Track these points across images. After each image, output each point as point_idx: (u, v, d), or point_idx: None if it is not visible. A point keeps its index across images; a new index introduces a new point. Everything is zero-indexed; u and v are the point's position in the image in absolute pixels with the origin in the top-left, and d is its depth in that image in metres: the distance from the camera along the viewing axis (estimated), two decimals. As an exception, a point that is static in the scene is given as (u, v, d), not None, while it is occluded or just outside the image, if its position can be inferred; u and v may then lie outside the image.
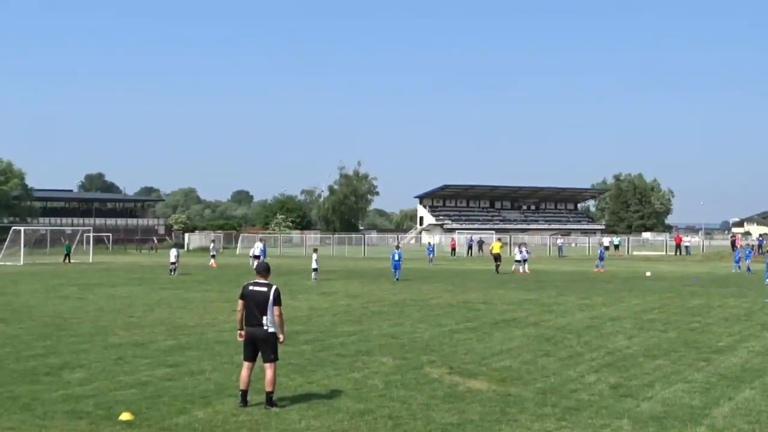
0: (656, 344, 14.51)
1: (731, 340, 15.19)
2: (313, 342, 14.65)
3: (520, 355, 13.31)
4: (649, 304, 21.94)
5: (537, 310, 20.59)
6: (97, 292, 26.18)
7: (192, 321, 18.00)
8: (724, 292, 26.50)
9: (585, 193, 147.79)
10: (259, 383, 9.58)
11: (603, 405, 9.56)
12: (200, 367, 11.93)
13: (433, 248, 52.59)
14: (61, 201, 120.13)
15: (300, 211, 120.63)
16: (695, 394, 10.19)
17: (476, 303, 22.45)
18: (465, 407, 9.42)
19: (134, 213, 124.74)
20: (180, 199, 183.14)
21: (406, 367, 12.09)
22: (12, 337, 15.18)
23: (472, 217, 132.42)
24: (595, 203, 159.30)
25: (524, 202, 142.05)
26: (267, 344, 9.36)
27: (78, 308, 20.82)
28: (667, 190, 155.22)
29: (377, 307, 21.38)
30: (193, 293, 25.65)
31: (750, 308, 21.07)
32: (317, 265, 32.89)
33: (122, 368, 11.89)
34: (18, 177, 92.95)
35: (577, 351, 13.73)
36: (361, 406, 9.41)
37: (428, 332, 16.15)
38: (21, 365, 12.12)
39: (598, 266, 41.88)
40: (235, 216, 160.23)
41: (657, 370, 11.93)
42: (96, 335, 15.52)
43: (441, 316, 19.20)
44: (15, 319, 18.39)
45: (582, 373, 11.66)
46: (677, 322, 17.83)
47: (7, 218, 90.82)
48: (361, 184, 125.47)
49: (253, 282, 9.57)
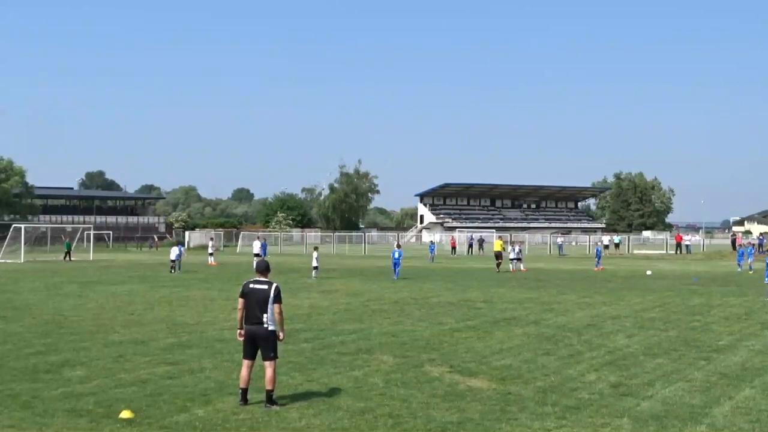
0: (656, 343, 14.51)
1: (732, 338, 15.18)
2: (313, 340, 14.65)
3: (521, 353, 13.31)
4: (649, 303, 21.94)
5: (537, 308, 20.59)
6: (97, 289, 26.19)
7: (192, 319, 18.00)
8: (725, 290, 26.49)
9: (585, 192, 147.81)
10: (259, 381, 9.58)
11: (603, 404, 9.56)
12: (201, 365, 11.93)
13: (434, 246, 53.86)
14: (61, 199, 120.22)
15: (300, 210, 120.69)
16: (695, 393, 10.18)
17: (477, 301, 22.45)
18: (465, 406, 9.41)
19: (135, 211, 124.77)
20: (180, 197, 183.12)
21: (407, 365, 12.09)
22: (12, 335, 15.19)
23: (473, 215, 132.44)
24: (596, 202, 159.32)
25: (525, 200, 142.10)
26: (267, 342, 9.35)
27: (78, 306, 20.83)
28: (668, 189, 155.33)
29: (377, 305, 21.38)
30: (194, 291, 25.65)
31: (750, 307, 21.06)
32: (318, 264, 32.94)
33: (123, 366, 11.89)
34: (19, 175, 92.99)
35: (577, 350, 13.73)
36: (362, 405, 9.41)
37: (429, 331, 16.15)
38: (21, 363, 12.12)
39: (598, 265, 42.04)
40: (236, 214, 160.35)
41: (657, 368, 11.92)
42: (96, 333, 15.52)
43: (441, 314, 19.20)
44: (15, 316, 18.41)
45: (582, 371, 11.66)
46: (678, 321, 17.82)
47: (7, 216, 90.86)
48: (361, 183, 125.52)
49: (253, 280, 9.56)
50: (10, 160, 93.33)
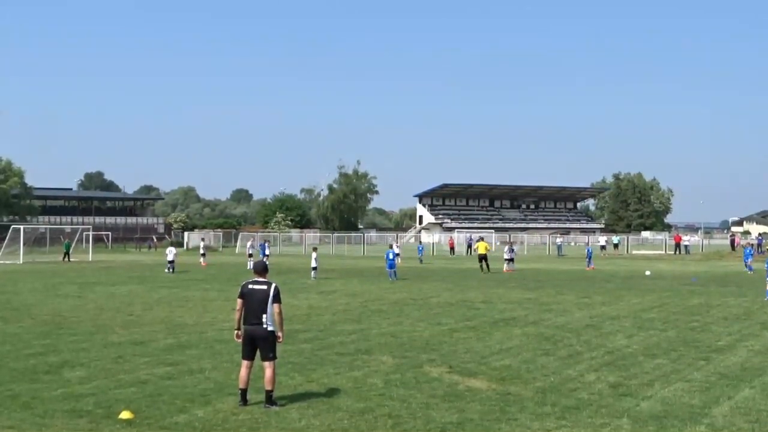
0: (656, 343, 14.52)
1: (731, 339, 15.19)
2: (312, 341, 14.65)
3: (520, 354, 13.32)
4: (648, 303, 21.95)
5: (536, 309, 20.60)
6: (96, 290, 26.19)
7: (192, 319, 18.00)
8: (724, 291, 26.51)
9: (584, 192, 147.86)
10: (258, 382, 9.58)
11: (602, 404, 9.57)
12: (200, 366, 11.93)
13: (422, 248, 57.55)
14: (60, 199, 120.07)
15: (299, 210, 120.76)
16: (695, 393, 10.19)
17: (476, 302, 22.46)
18: (464, 406, 9.42)
19: (134, 211, 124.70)
20: (179, 198, 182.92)
21: (406, 365, 12.09)
22: (11, 336, 15.19)
23: (472, 216, 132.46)
24: (595, 202, 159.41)
25: (524, 201, 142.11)
26: (266, 343, 9.35)
27: (77, 307, 20.82)
28: (667, 189, 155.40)
29: (377, 305, 21.39)
30: (193, 292, 25.66)
31: (749, 307, 21.07)
32: (317, 264, 32.95)
33: (122, 367, 11.89)
34: (17, 175, 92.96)
35: (576, 350, 13.74)
36: (361, 405, 9.41)
37: (428, 331, 16.16)
38: (21, 364, 12.12)
39: (590, 264, 42.71)
40: (235, 215, 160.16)
41: (656, 369, 11.93)
42: (96, 334, 15.52)
43: (440, 314, 19.21)
44: (14, 317, 18.40)
45: (581, 372, 11.66)
46: (677, 321, 17.83)
47: (6, 217, 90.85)
48: (360, 183, 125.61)
49: (252, 281, 9.56)
50: (9, 161, 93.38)
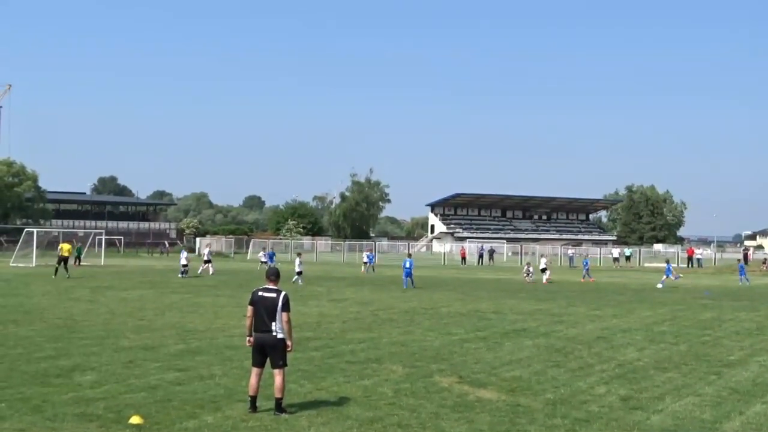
0: (667, 357, 14.44)
1: (742, 353, 15.09)
2: (322, 348, 14.65)
3: (530, 365, 13.27)
4: (660, 316, 21.83)
5: (547, 320, 20.53)
6: (108, 295, 26.30)
7: (202, 325, 18.04)
8: (736, 305, 26.33)
9: (597, 204, 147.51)
10: (268, 389, 9.59)
11: (613, 417, 9.52)
12: (210, 372, 11.95)
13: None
14: (73, 203, 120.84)
15: (311, 218, 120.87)
16: (706, 408, 10.13)
17: (487, 312, 22.40)
18: (474, 417, 9.39)
19: (146, 217, 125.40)
20: (192, 204, 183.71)
21: (416, 375, 12.07)
22: (23, 339, 15.27)
23: (483, 226, 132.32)
24: (607, 214, 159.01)
25: (536, 211, 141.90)
26: (276, 350, 9.36)
27: (89, 311, 20.91)
28: (680, 202, 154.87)
29: (387, 314, 21.38)
30: (204, 298, 25.72)
31: (762, 322, 20.92)
32: (300, 269, 33.70)
33: (132, 371, 11.93)
34: (31, 179, 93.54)
35: (587, 362, 13.68)
36: (371, 414, 9.40)
37: (438, 341, 16.13)
38: (32, 367, 12.18)
39: (589, 277, 42.47)
40: (247, 221, 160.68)
41: (667, 382, 11.86)
42: (107, 338, 15.58)
43: (451, 324, 19.17)
44: (26, 320, 18.50)
45: (592, 384, 11.61)
46: (688, 335, 17.73)
47: (20, 220, 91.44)
48: (372, 192, 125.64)
49: (262, 288, 9.58)
50: (22, 165, 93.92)
